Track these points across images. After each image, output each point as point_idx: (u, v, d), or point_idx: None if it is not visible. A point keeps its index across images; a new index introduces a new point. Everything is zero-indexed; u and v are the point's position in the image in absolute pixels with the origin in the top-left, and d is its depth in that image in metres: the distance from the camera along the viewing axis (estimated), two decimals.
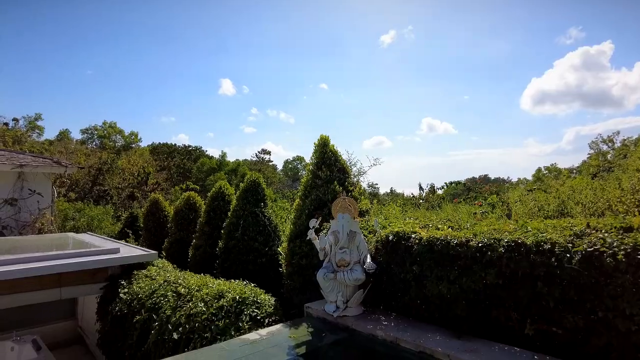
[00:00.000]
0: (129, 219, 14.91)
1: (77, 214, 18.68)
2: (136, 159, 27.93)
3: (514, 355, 3.86)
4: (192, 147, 38.29)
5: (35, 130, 42.29)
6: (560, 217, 8.57)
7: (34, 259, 6.97)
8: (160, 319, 5.76)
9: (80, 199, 23.18)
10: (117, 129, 44.74)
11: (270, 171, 36.98)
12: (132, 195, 24.49)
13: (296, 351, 4.29)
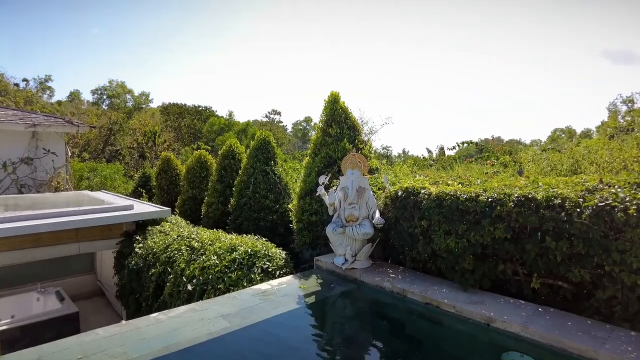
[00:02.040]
0: (142, 179, 15.15)
1: (91, 173, 19.04)
2: (147, 119, 27.99)
3: (518, 307, 3.95)
4: (202, 107, 38.15)
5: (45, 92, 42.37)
6: (573, 176, 8.46)
7: (53, 215, 7.18)
8: (174, 272, 5.97)
9: (93, 159, 23.52)
10: (127, 88, 44.58)
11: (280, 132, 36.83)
12: (143, 155, 24.75)
13: (306, 300, 4.45)
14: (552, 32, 79.24)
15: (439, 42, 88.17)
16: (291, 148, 32.15)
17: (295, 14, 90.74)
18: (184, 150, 24.56)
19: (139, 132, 25.51)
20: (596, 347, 3.26)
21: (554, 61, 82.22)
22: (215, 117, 36.57)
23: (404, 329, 4.08)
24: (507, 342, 3.55)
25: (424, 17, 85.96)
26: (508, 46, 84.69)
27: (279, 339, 3.78)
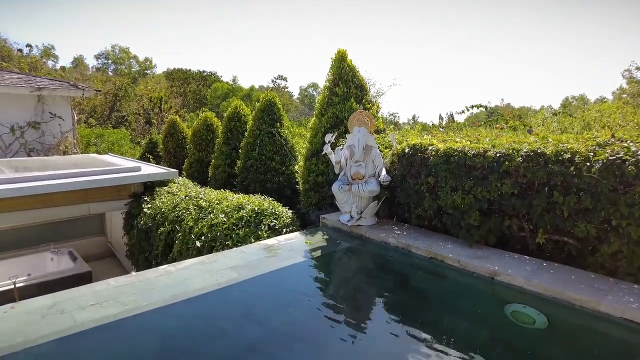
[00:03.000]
0: (149, 145, 15.18)
1: (98, 139, 19.13)
2: (153, 85, 27.77)
3: (523, 262, 3.98)
4: (207, 73, 37.64)
5: (49, 58, 41.95)
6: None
7: (62, 176, 7.26)
8: (183, 230, 6.07)
9: (100, 125, 23.55)
10: (131, 54, 43.99)
11: (286, 98, 36.38)
12: (150, 121, 24.72)
13: (312, 254, 4.52)
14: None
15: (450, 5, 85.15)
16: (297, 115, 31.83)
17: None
18: (189, 117, 24.47)
19: (145, 98, 25.37)
20: (598, 299, 3.29)
21: (569, 26, 79.34)
22: (219, 82, 36.10)
23: (408, 282, 4.14)
24: (511, 295, 3.60)
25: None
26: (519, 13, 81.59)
27: (286, 290, 3.87)
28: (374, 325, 3.38)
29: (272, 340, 3.06)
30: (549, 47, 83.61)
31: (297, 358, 2.88)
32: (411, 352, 2.90)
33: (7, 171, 7.62)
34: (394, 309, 3.58)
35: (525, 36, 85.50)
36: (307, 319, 3.38)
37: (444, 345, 2.96)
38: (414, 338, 3.08)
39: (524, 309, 3.39)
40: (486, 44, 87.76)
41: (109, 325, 3.04)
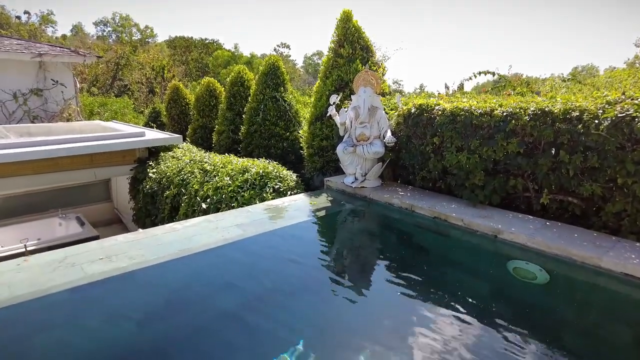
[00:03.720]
0: (152, 114, 15.11)
1: (102, 108, 19.02)
2: (155, 53, 27.34)
3: (526, 221, 4.00)
4: (209, 40, 36.93)
5: (49, 24, 41.18)
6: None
7: (68, 141, 7.28)
8: (189, 193, 6.12)
9: (102, 94, 23.37)
10: (131, 22, 43.08)
11: (290, 67, 35.78)
12: (153, 90, 24.49)
13: (316, 214, 4.56)
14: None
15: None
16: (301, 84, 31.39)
17: None
18: (191, 85, 24.19)
19: (147, 66, 25.03)
20: (600, 255, 3.33)
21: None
22: (221, 49, 35.46)
23: (411, 240, 4.19)
24: (514, 252, 3.64)
25: None
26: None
27: (291, 247, 3.93)
28: (377, 279, 3.45)
29: (279, 290, 3.13)
30: (559, 16, 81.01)
31: (304, 306, 2.95)
32: (413, 305, 2.96)
33: (13, 136, 7.65)
34: (397, 265, 3.63)
35: (535, 4, 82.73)
36: (313, 273, 3.44)
37: (446, 299, 3.02)
38: (416, 293, 3.14)
39: (526, 265, 3.43)
40: (494, 17, 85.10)
41: (118, 277, 3.12)
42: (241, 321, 2.77)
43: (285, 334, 2.61)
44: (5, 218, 9.26)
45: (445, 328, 2.62)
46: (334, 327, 2.75)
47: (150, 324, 2.75)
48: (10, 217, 9.36)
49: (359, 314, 2.88)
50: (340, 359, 2.39)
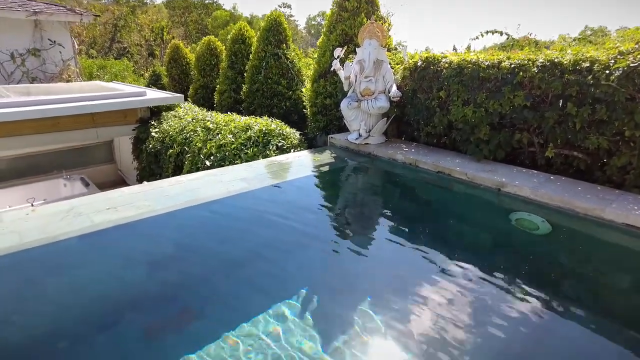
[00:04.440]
0: (153, 77, 14.87)
1: (101, 70, 18.72)
2: (153, 14, 26.59)
3: (530, 175, 3.99)
4: (208, 1, 35.83)
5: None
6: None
7: (69, 100, 7.21)
8: (192, 151, 6.11)
9: (101, 57, 22.92)
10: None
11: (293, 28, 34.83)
12: (152, 53, 23.99)
13: (320, 170, 4.57)
14: None
15: None
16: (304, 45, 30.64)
17: None
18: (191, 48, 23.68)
19: (146, 28, 24.41)
20: (603, 207, 3.34)
21: None
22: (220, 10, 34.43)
23: (415, 194, 4.21)
24: (517, 205, 3.66)
25: None
26: None
27: (295, 199, 3.96)
28: (380, 231, 3.49)
29: (284, 240, 3.18)
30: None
31: (308, 256, 3.00)
32: (416, 255, 3.00)
33: (13, 96, 7.57)
34: (400, 218, 3.66)
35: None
36: (316, 225, 3.49)
37: (448, 250, 3.06)
38: (418, 244, 3.19)
39: (529, 217, 3.45)
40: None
41: (125, 225, 3.16)
42: (246, 269, 2.84)
43: (289, 282, 2.67)
44: (11, 180, 9.33)
45: (447, 277, 2.66)
46: (337, 276, 2.80)
47: (158, 270, 2.81)
48: (15, 179, 9.43)
49: (362, 263, 2.93)
50: (343, 305, 2.43)
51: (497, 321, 2.24)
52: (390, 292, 2.53)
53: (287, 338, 2.08)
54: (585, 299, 2.62)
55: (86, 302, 2.45)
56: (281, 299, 2.41)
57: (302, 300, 2.40)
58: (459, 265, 2.80)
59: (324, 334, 2.12)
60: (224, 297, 2.52)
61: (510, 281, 2.66)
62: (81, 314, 2.36)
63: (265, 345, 2.04)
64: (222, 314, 2.36)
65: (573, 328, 2.22)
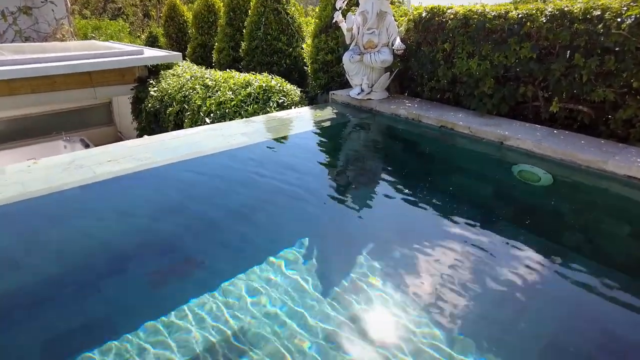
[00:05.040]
0: (150, 38, 14.49)
1: (96, 32, 18.22)
2: None
3: (534, 129, 3.96)
4: None
5: None
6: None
7: (65, 58, 7.06)
8: (191, 109, 6.04)
9: (95, 17, 22.26)
10: None
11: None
12: (148, 14, 23.27)
13: (321, 125, 4.53)
14: None
15: None
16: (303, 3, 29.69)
17: None
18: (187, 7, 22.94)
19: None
20: (605, 159, 3.33)
21: None
22: None
23: (417, 148, 4.20)
24: (519, 158, 3.65)
25: None
26: None
27: (296, 153, 3.95)
28: (381, 185, 3.49)
29: (285, 193, 3.18)
30: None
31: (309, 209, 3.01)
32: (418, 210, 3.00)
33: (7, 54, 7.40)
34: (402, 173, 3.67)
35: None
36: (316, 180, 3.50)
37: (450, 202, 3.08)
38: (420, 198, 3.20)
39: (531, 169, 3.45)
40: None
41: (126, 176, 3.17)
42: (248, 219, 2.85)
43: (289, 232, 2.69)
44: (11, 141, 9.29)
45: (448, 229, 2.68)
46: (337, 228, 2.81)
47: (160, 219, 2.84)
48: (15, 141, 9.40)
49: (362, 216, 2.94)
50: (344, 254, 2.45)
51: (497, 271, 2.27)
52: (391, 243, 2.54)
53: (288, 285, 2.12)
54: (584, 247, 2.66)
55: (90, 250, 2.48)
56: (281, 248, 2.43)
57: (302, 250, 2.43)
58: (460, 217, 2.81)
59: (325, 281, 2.16)
60: (226, 246, 2.55)
61: (512, 232, 2.69)
62: (85, 262, 2.40)
63: (267, 291, 2.07)
64: (224, 262, 2.39)
65: (573, 276, 2.25)
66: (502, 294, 2.09)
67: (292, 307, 1.96)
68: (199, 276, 2.29)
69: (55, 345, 1.80)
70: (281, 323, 1.87)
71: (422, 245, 2.51)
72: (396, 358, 1.69)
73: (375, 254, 2.39)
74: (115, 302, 2.08)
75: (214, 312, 1.93)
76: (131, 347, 1.73)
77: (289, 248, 2.43)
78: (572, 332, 1.90)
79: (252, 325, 1.86)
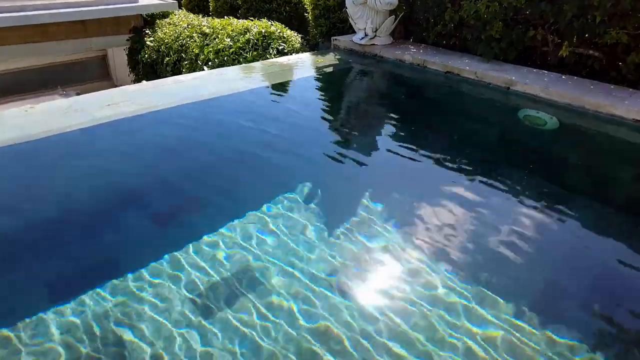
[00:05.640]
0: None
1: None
2: None
3: (542, 74, 3.85)
4: None
5: None
6: None
7: (56, 6, 6.79)
8: (189, 58, 5.88)
9: None
10: None
11: None
12: None
13: (323, 71, 4.42)
14: None
15: None
16: None
17: None
18: None
19: None
20: (614, 103, 3.27)
21: None
22: None
23: (422, 95, 4.11)
24: (525, 103, 3.58)
25: None
26: None
27: (297, 97, 3.89)
28: (386, 131, 3.44)
29: (286, 138, 3.15)
30: None
31: (310, 154, 2.97)
32: (422, 155, 2.95)
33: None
34: (406, 119, 3.60)
35: None
36: (318, 125, 3.44)
37: (455, 146, 3.03)
38: (426, 143, 3.16)
39: (537, 114, 3.39)
40: None
41: (126, 119, 3.13)
42: (249, 163, 2.82)
43: (291, 176, 2.66)
44: (6, 96, 9.13)
45: (451, 173, 2.66)
46: (338, 172, 2.78)
47: (161, 162, 2.81)
48: (9, 96, 9.23)
49: (365, 161, 2.91)
50: (345, 198, 2.44)
51: (499, 213, 2.27)
52: (393, 187, 2.52)
53: (292, 226, 2.11)
54: (587, 188, 2.65)
55: (92, 191, 2.47)
56: (283, 191, 2.41)
57: (305, 193, 2.41)
58: (464, 161, 2.79)
59: (329, 222, 2.14)
60: (227, 188, 2.52)
61: (515, 175, 2.68)
62: (88, 202, 2.38)
63: (270, 231, 2.07)
64: (227, 204, 2.37)
65: (575, 219, 2.25)
66: (503, 235, 2.08)
67: (296, 246, 1.97)
68: (203, 217, 2.27)
69: (60, 285, 1.81)
70: (288, 262, 1.87)
71: (424, 189, 2.50)
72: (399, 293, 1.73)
73: (377, 197, 2.37)
74: (120, 242, 2.07)
75: (219, 250, 1.94)
76: (135, 285, 1.74)
77: (291, 192, 2.40)
78: (572, 273, 1.91)
79: (257, 264, 1.86)
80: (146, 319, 1.57)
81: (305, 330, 1.52)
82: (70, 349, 1.46)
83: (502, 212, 2.30)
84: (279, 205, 2.29)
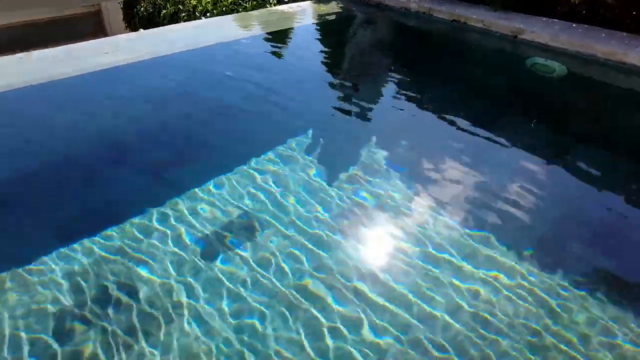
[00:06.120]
0: None
1: None
2: None
3: (551, 23, 3.72)
4: None
5: None
6: None
7: None
8: (186, 10, 5.66)
9: None
10: None
11: None
12: None
13: (325, 18, 4.28)
14: None
15: None
16: None
17: None
18: None
19: None
20: (626, 50, 3.18)
21: None
22: None
23: (428, 44, 3.99)
24: (534, 51, 3.48)
25: None
26: None
27: (297, 47, 3.78)
28: (390, 80, 3.35)
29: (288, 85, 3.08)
30: None
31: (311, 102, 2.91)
32: (428, 104, 2.91)
33: None
34: (411, 68, 3.50)
35: None
36: (320, 73, 3.36)
37: (461, 96, 2.97)
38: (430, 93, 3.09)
39: (545, 62, 3.31)
40: None
41: (124, 66, 3.05)
42: (250, 110, 2.75)
43: (294, 122, 2.61)
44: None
45: (457, 121, 2.59)
46: (340, 122, 2.72)
47: (161, 109, 2.76)
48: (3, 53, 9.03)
49: (368, 109, 2.85)
50: (349, 143, 2.41)
51: (503, 162, 2.25)
52: (397, 136, 2.47)
53: (295, 170, 2.08)
54: (594, 136, 2.60)
55: (93, 138, 2.42)
56: (288, 136, 2.37)
57: (308, 138, 2.37)
58: (470, 110, 2.74)
59: (330, 167, 2.12)
60: (230, 134, 2.47)
61: (523, 123, 2.63)
62: (88, 148, 2.35)
63: (275, 175, 2.04)
64: (231, 149, 2.34)
65: (582, 164, 2.23)
66: (507, 183, 2.06)
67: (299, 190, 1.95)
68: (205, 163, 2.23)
69: (62, 230, 1.79)
70: (287, 209, 1.85)
71: (429, 137, 2.47)
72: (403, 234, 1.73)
73: (381, 145, 2.33)
74: (121, 189, 2.05)
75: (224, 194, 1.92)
76: (139, 230, 1.73)
77: (292, 139, 2.36)
78: (579, 220, 1.90)
79: (257, 208, 1.84)
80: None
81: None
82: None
83: (508, 160, 2.28)
84: (283, 149, 2.25)
